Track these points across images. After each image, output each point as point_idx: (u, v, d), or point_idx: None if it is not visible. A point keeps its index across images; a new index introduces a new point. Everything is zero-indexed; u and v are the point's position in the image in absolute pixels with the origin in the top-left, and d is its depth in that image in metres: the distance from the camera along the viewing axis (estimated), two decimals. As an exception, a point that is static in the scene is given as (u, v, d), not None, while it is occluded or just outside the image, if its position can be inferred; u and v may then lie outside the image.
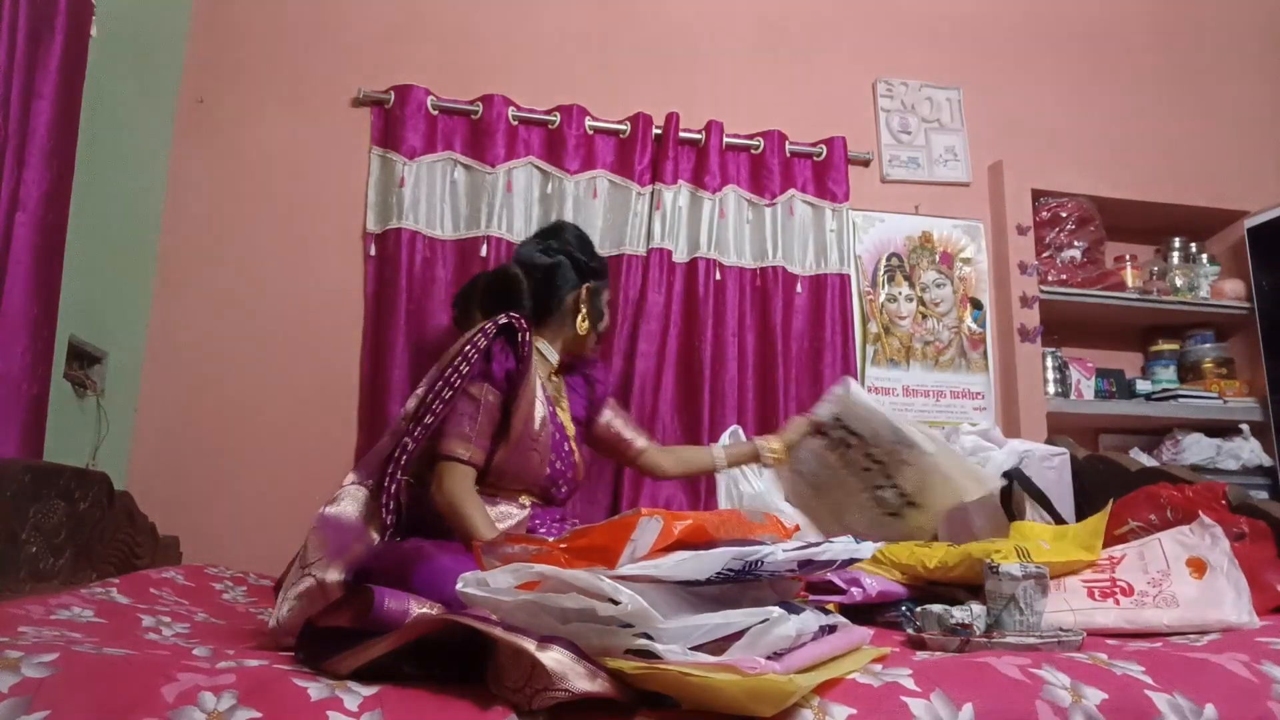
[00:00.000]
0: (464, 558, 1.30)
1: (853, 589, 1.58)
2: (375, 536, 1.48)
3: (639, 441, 2.00)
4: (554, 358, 1.86)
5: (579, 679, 0.91)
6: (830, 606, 1.50)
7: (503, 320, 1.64)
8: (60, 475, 1.68)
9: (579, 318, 1.85)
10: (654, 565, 1.00)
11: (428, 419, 1.54)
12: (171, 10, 2.74)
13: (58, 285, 1.92)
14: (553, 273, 1.86)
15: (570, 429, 1.82)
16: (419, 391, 1.60)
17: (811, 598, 1.54)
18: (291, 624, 1.34)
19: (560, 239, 1.92)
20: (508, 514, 1.65)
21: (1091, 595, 1.52)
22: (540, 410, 1.69)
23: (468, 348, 1.58)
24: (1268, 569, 1.60)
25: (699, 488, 2.67)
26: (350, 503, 1.51)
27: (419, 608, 1.11)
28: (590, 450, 1.97)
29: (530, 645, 0.92)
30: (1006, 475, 2.08)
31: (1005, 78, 3.39)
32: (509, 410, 1.65)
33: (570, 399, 1.91)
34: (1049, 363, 3.13)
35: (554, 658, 0.91)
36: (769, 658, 0.95)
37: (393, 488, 1.51)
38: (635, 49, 3.11)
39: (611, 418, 1.99)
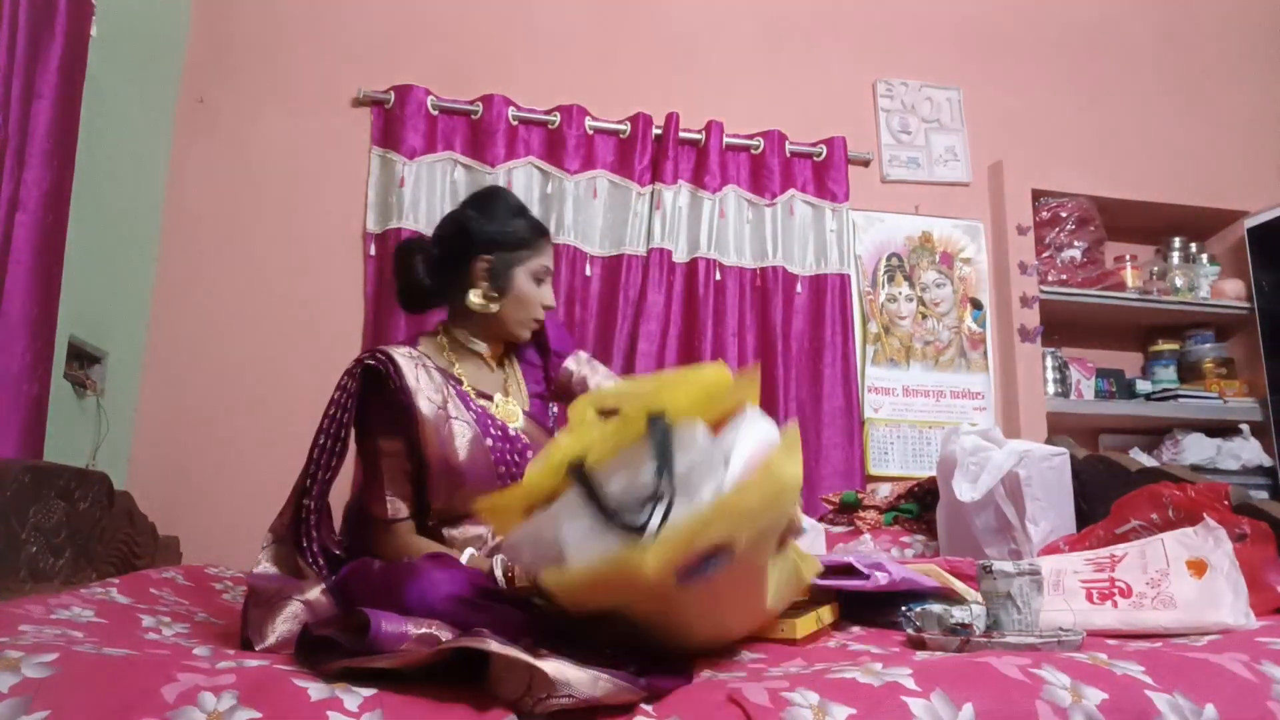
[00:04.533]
0: (455, 572, 1.28)
1: (876, 574, 1.56)
2: (314, 587, 1.37)
3: None
4: (482, 348, 1.66)
5: (581, 685, 0.91)
6: None
7: (364, 365, 1.49)
8: (60, 475, 1.67)
9: (474, 293, 1.59)
10: None
11: (317, 476, 1.44)
12: (171, 10, 2.74)
13: (58, 285, 1.92)
14: (446, 244, 1.63)
15: (516, 418, 1.65)
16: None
17: (828, 582, 1.54)
18: (283, 642, 1.28)
19: (467, 204, 1.68)
20: (478, 535, 1.56)
21: (1090, 597, 1.52)
22: (464, 432, 1.53)
23: (330, 407, 1.45)
24: (1268, 570, 1.59)
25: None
26: (273, 566, 1.44)
27: (415, 629, 1.07)
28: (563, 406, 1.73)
29: (526, 656, 0.92)
30: None
31: (1005, 78, 3.39)
32: (421, 453, 1.50)
33: (525, 372, 1.74)
34: (1049, 363, 3.13)
35: (554, 666, 0.91)
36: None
37: (314, 547, 1.43)
38: (635, 49, 3.11)
39: (577, 368, 1.76)
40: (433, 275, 1.64)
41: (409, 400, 1.49)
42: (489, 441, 1.55)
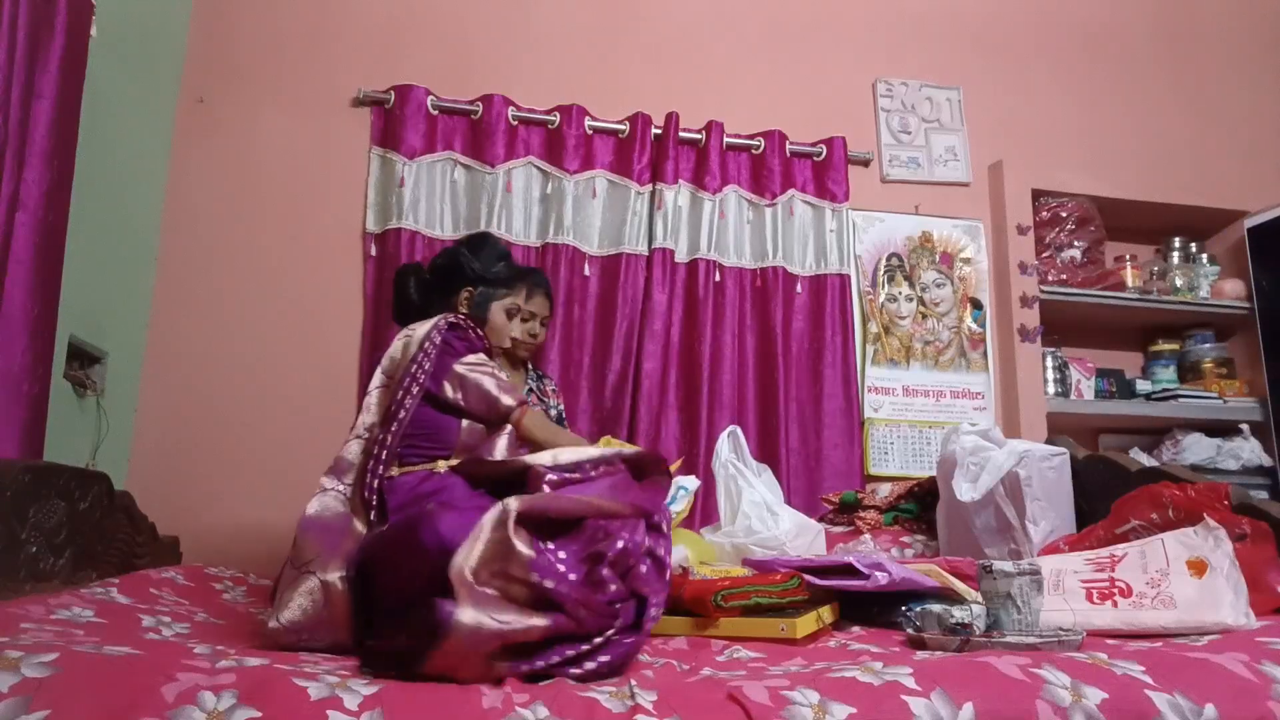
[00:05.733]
0: (466, 511, 1.34)
1: (876, 574, 1.56)
2: (361, 528, 1.50)
3: None
4: None
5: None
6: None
7: (450, 319, 1.72)
8: (60, 475, 1.67)
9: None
10: None
11: (401, 415, 1.58)
12: (171, 10, 2.74)
13: (58, 285, 1.92)
14: (439, 273, 1.92)
15: None
16: (374, 396, 1.65)
17: (828, 583, 1.55)
18: (295, 624, 1.35)
19: (462, 245, 1.98)
20: None
21: (1090, 597, 1.52)
22: None
23: (426, 345, 1.65)
24: (1269, 570, 1.59)
25: (696, 491, 2.67)
26: (330, 503, 1.53)
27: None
28: None
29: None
30: None
31: (1005, 78, 3.39)
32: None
33: None
34: (1049, 363, 3.13)
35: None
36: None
37: (375, 483, 1.55)
38: (635, 49, 3.11)
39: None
40: (422, 296, 1.90)
41: (485, 349, 1.75)
42: None
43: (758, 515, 2.15)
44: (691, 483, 2.17)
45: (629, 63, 3.10)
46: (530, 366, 2.46)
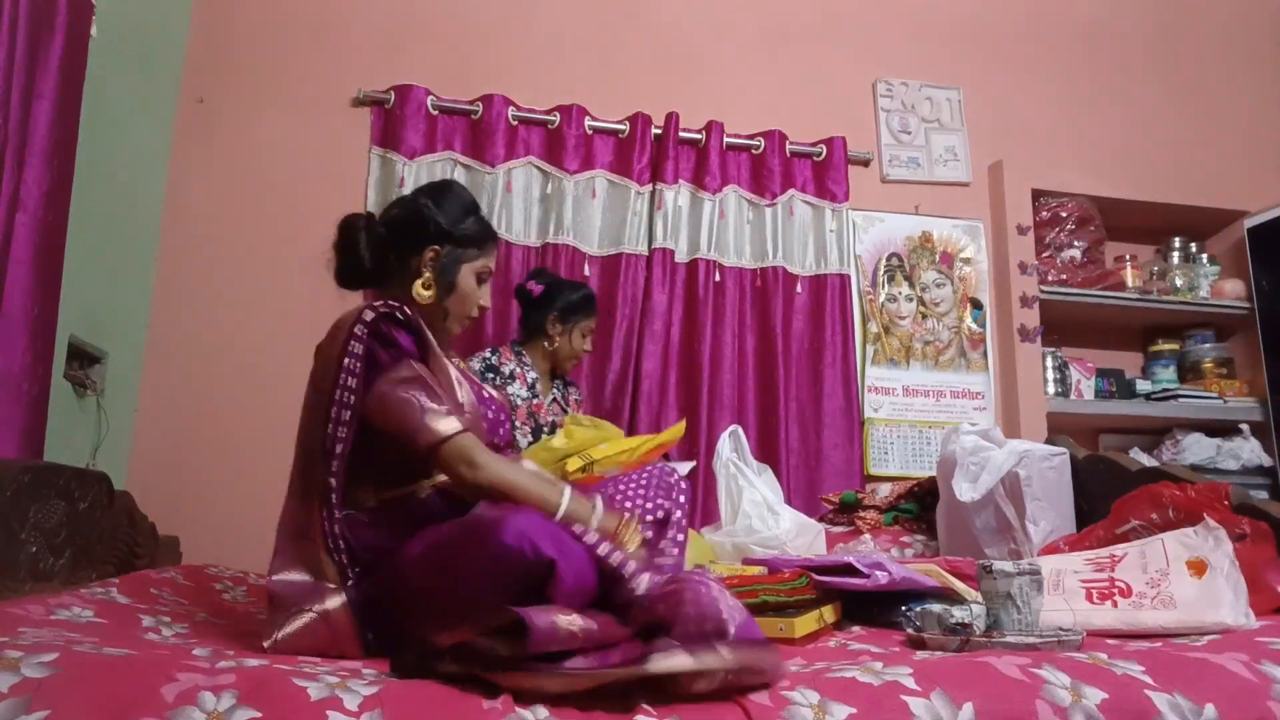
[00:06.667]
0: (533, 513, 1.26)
1: (876, 573, 1.56)
2: (333, 584, 1.33)
3: None
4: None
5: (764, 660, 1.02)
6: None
7: (370, 315, 1.43)
8: (60, 475, 1.67)
9: (419, 282, 1.55)
10: None
11: (338, 449, 1.37)
12: (171, 10, 2.74)
13: (58, 285, 1.92)
14: (397, 228, 1.59)
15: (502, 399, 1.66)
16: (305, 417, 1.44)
17: (829, 580, 1.55)
18: (289, 648, 1.28)
19: (423, 194, 1.63)
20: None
21: (1090, 597, 1.52)
22: (462, 383, 1.51)
23: (346, 361, 1.39)
24: (1269, 570, 1.59)
25: (697, 490, 2.68)
26: (293, 567, 1.36)
27: (565, 620, 1.04)
28: None
29: (721, 659, 0.97)
30: None
31: (1005, 78, 3.39)
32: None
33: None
34: (1049, 363, 3.13)
35: (732, 657, 0.97)
36: None
37: (335, 529, 1.36)
38: (635, 49, 3.11)
39: None
40: (375, 256, 1.58)
41: (419, 330, 1.47)
42: (476, 404, 1.55)
43: (758, 514, 2.15)
44: (686, 469, 2.21)
45: (629, 63, 3.10)
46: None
